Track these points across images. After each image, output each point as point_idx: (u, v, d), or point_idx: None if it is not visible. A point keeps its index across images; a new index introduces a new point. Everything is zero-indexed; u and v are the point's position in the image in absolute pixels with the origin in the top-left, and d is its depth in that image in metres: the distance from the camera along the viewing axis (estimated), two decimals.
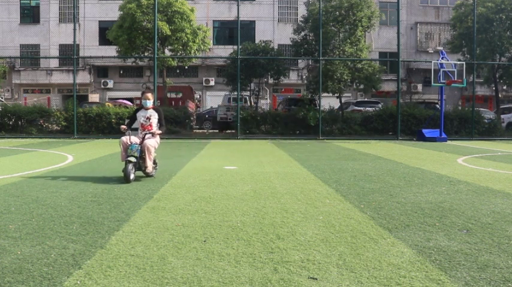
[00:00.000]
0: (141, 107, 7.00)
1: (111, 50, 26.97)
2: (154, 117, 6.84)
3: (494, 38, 21.53)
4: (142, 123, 6.84)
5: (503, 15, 21.35)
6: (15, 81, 32.96)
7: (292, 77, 31.34)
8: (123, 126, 6.79)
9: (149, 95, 6.82)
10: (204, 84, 33.30)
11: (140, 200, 5.13)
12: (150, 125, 6.81)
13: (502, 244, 3.51)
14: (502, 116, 23.31)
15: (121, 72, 33.69)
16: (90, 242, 3.47)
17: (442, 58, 17.54)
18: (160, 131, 6.81)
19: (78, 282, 2.65)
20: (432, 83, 17.87)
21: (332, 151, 12.72)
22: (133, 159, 6.37)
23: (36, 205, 4.81)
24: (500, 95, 26.33)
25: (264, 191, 5.85)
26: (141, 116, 6.86)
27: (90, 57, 29.39)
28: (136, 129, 6.86)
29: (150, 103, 6.84)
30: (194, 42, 20.69)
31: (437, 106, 21.79)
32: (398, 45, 19.83)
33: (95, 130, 19.55)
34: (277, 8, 33.84)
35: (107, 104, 22.20)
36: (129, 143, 6.49)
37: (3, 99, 26.02)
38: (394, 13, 29.25)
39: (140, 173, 6.82)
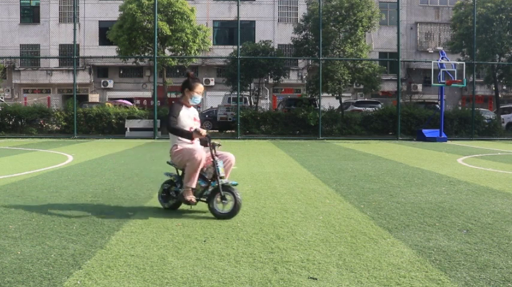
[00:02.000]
0: (180, 103, 4.65)
1: (111, 50, 26.97)
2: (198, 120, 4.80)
3: (494, 38, 21.54)
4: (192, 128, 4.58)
5: (503, 16, 21.35)
6: (15, 81, 32.95)
7: (292, 77, 31.32)
8: (204, 131, 4.41)
9: (202, 86, 4.70)
10: (204, 84, 33.28)
11: (140, 200, 5.13)
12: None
13: (502, 244, 3.51)
14: (502, 116, 23.31)
15: (121, 72, 33.68)
16: (90, 242, 3.47)
17: (442, 58, 17.54)
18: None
19: (78, 282, 2.65)
20: (432, 83, 17.87)
21: (332, 151, 12.72)
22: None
23: (36, 205, 4.81)
24: (500, 95, 26.34)
25: (264, 191, 5.85)
26: (185, 116, 4.58)
27: (90, 57, 29.37)
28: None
29: (200, 99, 4.72)
30: (194, 42, 20.69)
31: (437, 106, 21.79)
32: (398, 45, 19.83)
33: (95, 130, 19.57)
34: (277, 8, 33.83)
35: (107, 104, 22.20)
36: (211, 160, 4.40)
37: (3, 99, 26.02)
38: (394, 13, 29.25)
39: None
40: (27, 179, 6.64)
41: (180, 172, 4.62)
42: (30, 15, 33.76)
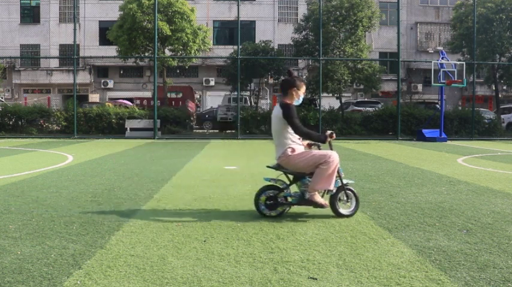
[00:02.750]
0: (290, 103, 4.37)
1: (111, 50, 26.97)
2: None
3: (494, 38, 21.54)
4: None
5: (503, 16, 21.36)
6: (15, 81, 32.95)
7: None
8: (334, 134, 4.36)
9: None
10: (204, 84, 33.30)
11: (140, 200, 5.13)
12: None
13: (502, 244, 3.51)
14: (502, 116, 23.32)
15: (121, 72, 33.68)
16: (90, 242, 3.47)
17: (442, 58, 17.53)
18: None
19: (78, 282, 2.65)
20: (432, 83, 17.87)
21: None
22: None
23: (36, 205, 4.80)
24: (500, 95, 26.33)
25: None
26: None
27: (90, 57, 29.37)
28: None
29: None
30: (194, 42, 20.70)
31: (437, 106, 21.80)
32: (398, 45, 19.82)
33: (95, 130, 19.57)
34: (277, 8, 33.83)
35: (107, 104, 22.21)
36: None
37: (3, 99, 26.02)
38: (394, 13, 29.25)
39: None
40: (27, 179, 6.64)
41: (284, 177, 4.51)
42: (30, 15, 33.75)
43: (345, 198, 4.39)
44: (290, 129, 4.30)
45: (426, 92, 32.86)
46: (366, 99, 28.20)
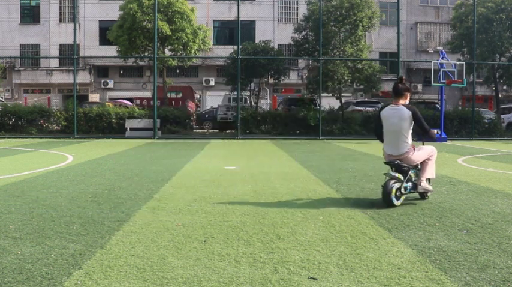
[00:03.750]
0: None
1: (111, 50, 26.95)
2: None
3: (494, 38, 21.54)
4: None
5: (503, 15, 21.36)
6: (15, 81, 32.93)
7: (292, 77, 31.31)
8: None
9: None
10: (204, 84, 33.29)
11: (140, 200, 5.13)
12: None
13: (502, 244, 3.51)
14: (502, 116, 23.30)
15: (121, 72, 33.67)
16: (90, 242, 3.47)
17: (442, 58, 17.53)
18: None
19: (78, 282, 2.65)
20: (432, 83, 17.87)
21: (332, 151, 12.71)
22: None
23: (36, 205, 4.80)
24: (500, 95, 26.33)
25: (264, 191, 5.84)
26: None
27: (90, 57, 29.35)
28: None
29: None
30: (194, 42, 20.70)
31: (437, 106, 21.79)
32: (398, 45, 19.82)
33: (95, 130, 19.57)
34: (277, 8, 33.81)
35: (107, 104, 22.21)
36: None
37: (3, 99, 26.02)
38: (394, 13, 29.23)
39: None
40: (27, 179, 6.64)
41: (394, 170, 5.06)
42: (30, 15, 33.73)
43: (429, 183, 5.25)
44: (410, 129, 4.99)
45: (426, 92, 32.83)
46: (366, 100, 28.17)
